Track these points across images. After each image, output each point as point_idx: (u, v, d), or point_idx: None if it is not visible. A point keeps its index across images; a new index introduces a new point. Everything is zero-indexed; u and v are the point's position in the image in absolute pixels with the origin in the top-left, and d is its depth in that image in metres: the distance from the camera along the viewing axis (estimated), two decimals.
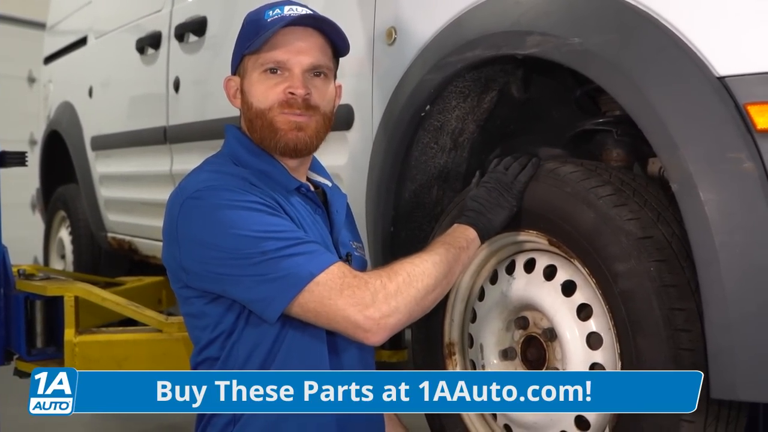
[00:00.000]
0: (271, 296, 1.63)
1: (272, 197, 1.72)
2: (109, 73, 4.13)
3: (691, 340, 1.53)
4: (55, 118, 4.81)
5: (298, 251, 1.62)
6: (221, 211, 1.65)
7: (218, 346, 1.74)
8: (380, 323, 1.61)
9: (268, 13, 1.80)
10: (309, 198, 1.84)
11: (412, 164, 2.19)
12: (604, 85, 1.67)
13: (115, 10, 4.12)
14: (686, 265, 1.56)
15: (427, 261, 1.69)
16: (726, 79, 1.48)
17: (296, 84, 1.77)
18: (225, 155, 1.85)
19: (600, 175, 1.71)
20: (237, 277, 1.64)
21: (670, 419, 1.55)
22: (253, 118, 1.81)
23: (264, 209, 1.66)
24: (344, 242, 1.89)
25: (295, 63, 1.78)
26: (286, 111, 1.78)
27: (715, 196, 1.47)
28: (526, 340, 1.88)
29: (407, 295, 1.63)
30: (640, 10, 1.62)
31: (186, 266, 1.71)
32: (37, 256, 6.15)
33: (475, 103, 2.14)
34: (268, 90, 1.78)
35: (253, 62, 1.80)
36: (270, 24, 1.77)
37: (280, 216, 1.68)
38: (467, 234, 1.80)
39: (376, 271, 1.67)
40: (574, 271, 1.76)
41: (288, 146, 1.79)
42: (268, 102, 1.78)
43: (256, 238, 1.62)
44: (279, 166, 1.82)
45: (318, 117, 1.81)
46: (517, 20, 1.84)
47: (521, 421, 1.85)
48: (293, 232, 1.66)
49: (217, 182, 1.70)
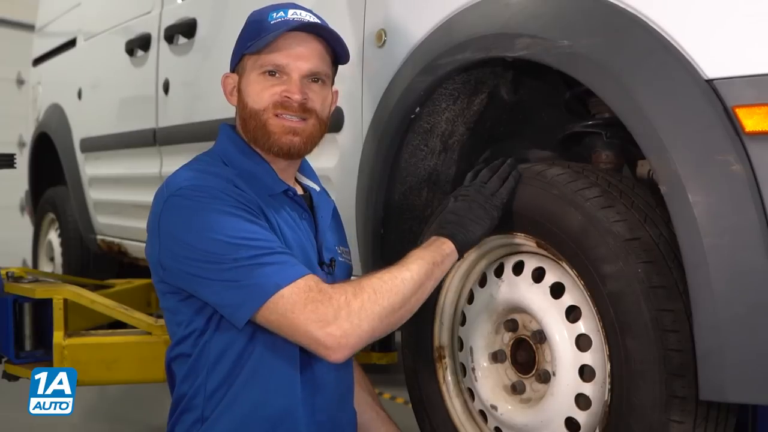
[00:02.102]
0: (238, 303, 1.64)
1: (255, 201, 1.73)
2: (99, 75, 4.12)
3: (679, 341, 1.54)
4: (44, 120, 4.79)
5: (268, 261, 1.63)
6: (201, 213, 1.66)
7: (191, 343, 1.77)
8: (341, 341, 1.61)
9: (272, 15, 1.81)
10: (295, 202, 1.85)
11: (402, 166, 2.19)
12: (594, 87, 1.67)
13: (105, 12, 4.11)
14: (674, 266, 1.57)
15: (396, 277, 1.68)
16: (714, 81, 1.49)
17: (293, 89, 1.78)
18: (215, 153, 1.85)
19: (587, 177, 1.72)
20: (208, 280, 1.65)
21: (660, 420, 1.56)
22: (247, 117, 1.82)
23: (242, 215, 1.67)
24: (329, 247, 1.89)
25: (294, 68, 1.79)
26: (280, 113, 1.78)
27: (704, 198, 1.48)
28: (515, 342, 1.88)
29: (371, 312, 1.62)
30: (629, 13, 1.62)
31: (163, 262, 1.73)
32: (26, 259, 6.13)
33: (464, 106, 2.14)
34: (264, 91, 1.79)
35: (252, 62, 1.81)
36: (273, 27, 1.78)
37: (257, 223, 1.68)
38: (444, 248, 1.77)
39: (342, 286, 1.66)
40: (562, 273, 1.77)
41: (282, 149, 1.80)
42: (263, 103, 1.79)
43: (230, 244, 1.63)
44: (268, 168, 1.83)
45: (313, 121, 1.82)
46: (506, 23, 1.85)
47: (512, 423, 1.85)
48: (267, 241, 1.66)
49: (201, 182, 1.71)
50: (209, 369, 1.74)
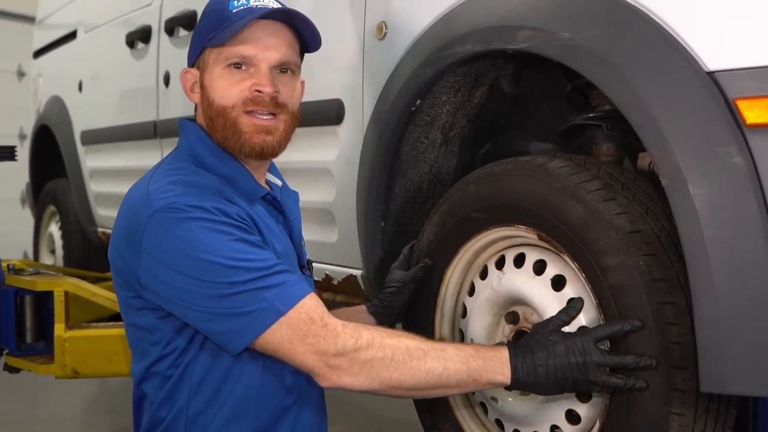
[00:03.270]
0: (233, 331, 1.56)
1: (247, 214, 1.63)
2: (99, 68, 4.12)
3: (680, 334, 1.54)
4: (44, 113, 4.79)
5: (266, 284, 1.54)
6: (192, 234, 1.55)
7: (170, 363, 1.67)
8: (333, 377, 1.55)
9: (233, 3, 1.69)
10: (272, 206, 1.77)
11: (403, 159, 2.19)
12: (594, 80, 1.67)
13: (105, 4, 4.11)
14: (675, 259, 1.57)
15: (426, 362, 1.53)
16: (715, 74, 1.49)
17: (263, 81, 1.67)
18: (186, 155, 1.74)
19: (589, 169, 1.72)
20: (200, 306, 1.56)
21: (661, 413, 1.56)
22: (214, 115, 1.70)
23: (235, 233, 1.56)
24: (301, 247, 1.84)
25: (262, 59, 1.68)
26: (251, 109, 1.68)
27: (705, 190, 1.48)
28: (516, 334, 1.88)
29: (375, 374, 1.54)
30: (630, 5, 1.62)
31: (143, 281, 1.62)
32: (27, 251, 6.14)
33: (465, 98, 2.14)
34: (232, 86, 1.68)
35: (215, 56, 1.70)
36: (236, 15, 1.67)
37: (252, 241, 1.58)
38: (497, 376, 1.58)
39: (359, 328, 1.56)
40: (563, 266, 1.77)
41: (254, 150, 1.69)
42: (232, 99, 1.67)
43: (225, 266, 1.53)
44: (244, 172, 1.73)
45: (286, 116, 1.72)
46: (507, 15, 1.84)
47: (512, 415, 1.86)
48: (264, 260, 1.57)
49: (190, 198, 1.58)
50: (192, 392, 1.64)
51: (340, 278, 2.45)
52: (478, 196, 1.89)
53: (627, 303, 1.59)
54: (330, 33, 2.42)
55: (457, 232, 1.96)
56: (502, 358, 1.59)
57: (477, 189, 1.90)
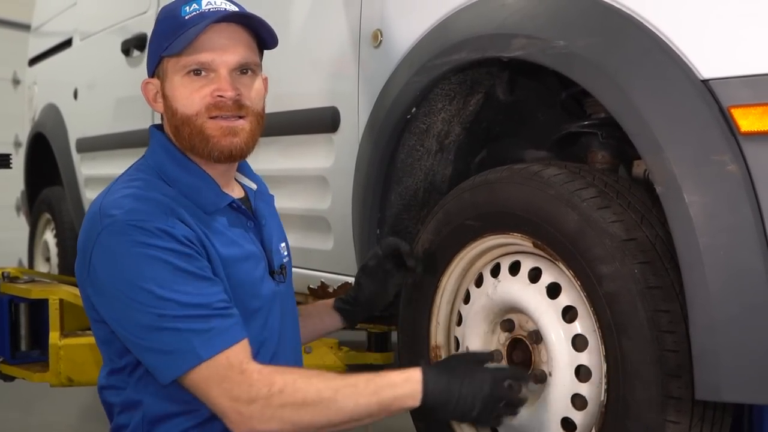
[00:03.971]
0: (157, 367, 1.59)
1: (197, 236, 1.62)
2: (95, 75, 4.12)
3: (675, 342, 1.54)
4: (39, 120, 4.78)
5: (194, 327, 1.55)
6: (133, 260, 1.55)
7: (124, 377, 1.70)
8: (245, 424, 1.56)
9: (185, 9, 1.66)
10: (240, 212, 1.76)
11: (398, 167, 2.19)
12: (589, 87, 1.67)
13: (101, 12, 4.11)
14: (670, 266, 1.57)
15: (337, 401, 1.57)
16: (710, 81, 1.49)
17: (224, 86, 1.65)
18: (150, 167, 1.73)
19: (584, 177, 1.72)
20: (132, 334, 1.59)
21: (656, 421, 1.56)
22: (179, 125, 1.69)
23: (176, 262, 1.56)
24: (276, 250, 1.82)
25: (221, 63, 1.66)
26: (215, 115, 1.66)
27: (700, 198, 1.48)
28: (512, 342, 1.88)
29: (287, 418, 1.56)
30: (625, 13, 1.62)
31: (92, 296, 1.65)
32: (22, 259, 6.12)
33: (460, 106, 2.14)
34: (193, 94, 1.66)
35: (173, 64, 1.68)
36: (189, 22, 1.64)
37: (192, 270, 1.58)
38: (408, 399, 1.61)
39: (274, 375, 1.57)
40: (558, 274, 1.77)
41: (223, 153, 1.68)
42: (195, 107, 1.66)
43: (158, 297, 1.54)
44: (209, 181, 1.72)
45: (251, 117, 1.70)
46: (502, 23, 1.85)
47: (508, 424, 1.85)
48: (201, 294, 1.57)
49: (139, 215, 1.58)
50: (146, 405, 1.68)
51: (336, 286, 2.45)
52: (474, 204, 1.89)
53: (622, 311, 1.59)
54: (325, 41, 2.43)
55: (452, 240, 1.96)
56: (414, 380, 1.62)
57: (472, 197, 1.90)
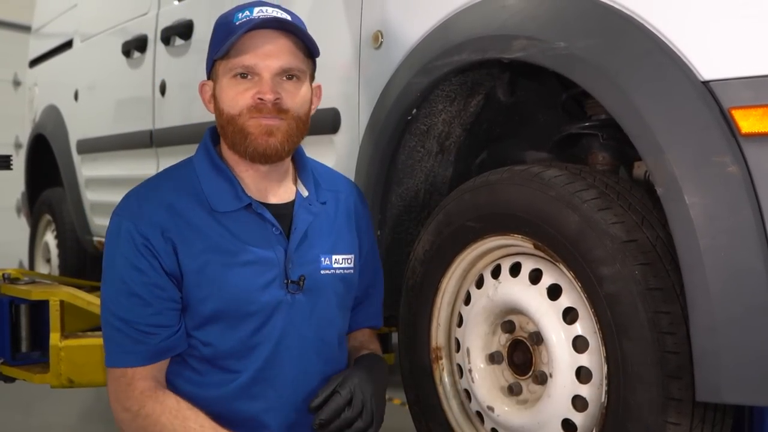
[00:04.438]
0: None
1: (168, 234, 1.73)
2: (95, 77, 4.12)
3: (676, 343, 1.54)
4: (40, 122, 4.79)
5: (112, 335, 1.75)
6: (110, 248, 1.77)
7: None
8: (118, 424, 1.76)
9: (237, 16, 1.77)
10: (260, 215, 1.78)
11: (399, 168, 2.19)
12: (590, 88, 1.67)
13: (101, 14, 4.11)
14: (671, 268, 1.57)
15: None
16: (710, 83, 1.49)
17: (265, 89, 1.74)
18: (191, 161, 1.86)
19: (584, 178, 1.72)
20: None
21: (657, 422, 1.56)
22: (224, 124, 1.79)
23: (124, 274, 1.72)
24: (304, 261, 1.81)
25: (264, 67, 1.75)
26: (256, 115, 1.75)
27: (700, 199, 1.48)
28: (512, 343, 1.88)
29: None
30: (625, 14, 1.62)
31: None
32: (23, 260, 6.12)
33: (461, 107, 2.14)
34: (238, 96, 1.76)
35: (223, 67, 1.78)
36: (239, 27, 1.74)
37: (131, 286, 1.72)
38: None
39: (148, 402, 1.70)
40: (559, 275, 1.77)
41: (257, 151, 1.76)
42: (238, 108, 1.75)
43: (105, 296, 1.77)
44: (232, 181, 1.79)
45: (290, 121, 1.77)
46: (503, 24, 1.85)
47: (508, 424, 1.85)
48: (128, 312, 1.72)
49: (129, 208, 1.76)
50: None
51: None
52: (474, 205, 1.90)
53: (623, 312, 1.59)
54: (326, 42, 2.42)
55: (452, 241, 1.96)
56: None
57: (473, 198, 1.90)
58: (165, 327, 1.73)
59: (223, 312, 1.74)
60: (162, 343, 1.73)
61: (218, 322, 1.75)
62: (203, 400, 1.74)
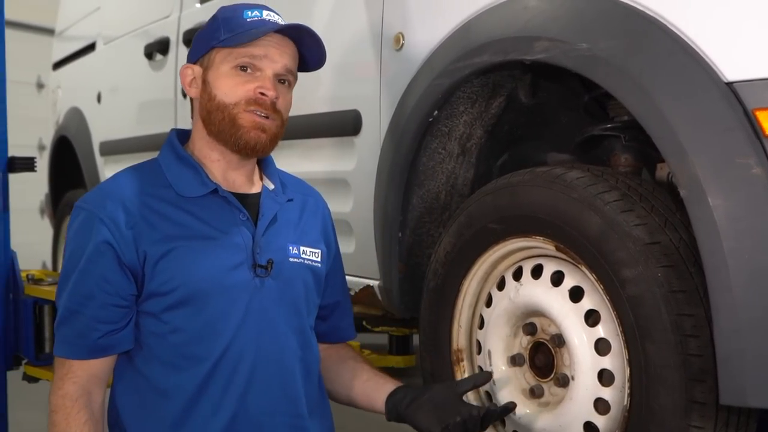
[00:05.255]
0: None
1: (133, 220, 1.73)
2: (118, 79, 4.14)
3: (699, 346, 1.53)
4: (63, 124, 4.82)
5: (56, 321, 1.78)
6: (69, 238, 1.81)
7: None
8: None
9: (247, 13, 1.79)
10: (226, 200, 1.79)
11: (420, 170, 2.19)
12: (612, 90, 1.67)
13: (124, 16, 4.13)
14: (694, 270, 1.56)
15: None
16: (734, 84, 1.48)
17: (268, 85, 1.76)
18: (156, 160, 1.86)
19: (607, 180, 1.71)
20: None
21: (680, 426, 1.55)
22: (212, 110, 1.79)
23: (82, 265, 1.73)
24: (271, 248, 1.81)
25: (268, 65, 1.77)
26: (252, 109, 1.76)
27: (724, 201, 1.47)
28: (534, 346, 1.87)
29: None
30: (648, 15, 1.61)
31: None
32: (46, 261, 6.16)
33: (482, 109, 2.14)
34: (238, 86, 1.76)
35: (224, 55, 1.78)
36: (251, 24, 1.76)
37: (85, 281, 1.72)
38: None
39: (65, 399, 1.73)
40: (581, 277, 1.76)
41: (248, 144, 1.77)
42: (236, 97, 1.76)
43: (60, 284, 1.78)
44: (198, 170, 1.80)
45: (278, 122, 1.80)
46: (524, 26, 1.84)
47: (530, 427, 1.85)
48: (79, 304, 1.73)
49: (84, 204, 1.80)
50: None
51: (357, 289, 2.45)
52: (496, 207, 1.89)
53: (645, 315, 1.58)
54: (347, 44, 2.43)
55: (474, 243, 1.95)
56: None
57: (494, 200, 1.90)
58: (107, 323, 1.73)
59: (190, 295, 1.72)
60: (101, 340, 1.73)
61: (186, 305, 1.73)
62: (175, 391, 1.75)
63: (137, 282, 1.73)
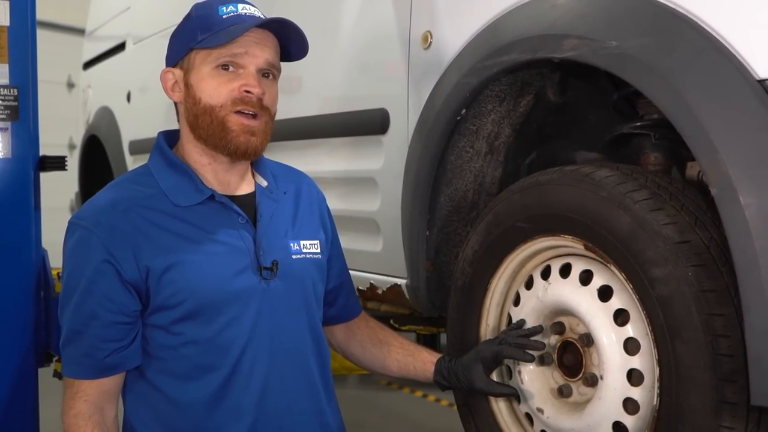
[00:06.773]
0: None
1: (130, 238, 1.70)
2: (147, 78, 4.17)
3: (730, 346, 1.52)
4: (93, 123, 4.87)
5: (66, 339, 1.74)
6: (66, 257, 1.77)
7: None
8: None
9: (222, 9, 1.75)
10: (224, 205, 1.78)
11: (448, 168, 2.19)
12: (642, 88, 1.65)
13: (154, 16, 4.16)
14: (725, 269, 1.54)
15: None
16: (766, 82, 1.47)
17: (252, 82, 1.73)
18: (147, 167, 1.84)
19: (636, 179, 1.70)
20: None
21: (710, 427, 1.53)
22: (200, 113, 1.75)
23: (83, 285, 1.69)
24: (273, 249, 1.80)
25: (250, 61, 1.73)
26: (240, 109, 1.72)
27: (756, 200, 1.45)
28: (562, 345, 1.87)
29: None
30: (679, 12, 1.60)
31: None
32: None
33: (511, 107, 2.13)
34: (222, 86, 1.73)
35: (204, 56, 1.75)
36: (226, 21, 1.73)
37: (87, 302, 1.70)
38: None
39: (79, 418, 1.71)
40: (610, 276, 1.75)
41: (239, 149, 1.74)
42: (221, 98, 1.73)
43: (61, 303, 1.75)
44: (191, 176, 1.78)
45: (267, 119, 1.77)
46: (553, 23, 1.84)
47: (558, 427, 1.84)
48: (83, 325, 1.71)
49: (80, 221, 1.74)
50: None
51: (385, 287, 2.45)
52: (524, 206, 1.89)
53: (675, 314, 1.57)
54: (375, 43, 2.44)
55: (502, 242, 1.95)
56: None
57: (522, 198, 1.89)
58: (112, 341, 1.71)
59: (199, 306, 1.71)
60: (108, 359, 1.71)
61: (195, 317, 1.71)
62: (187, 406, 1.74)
63: (141, 297, 1.71)
